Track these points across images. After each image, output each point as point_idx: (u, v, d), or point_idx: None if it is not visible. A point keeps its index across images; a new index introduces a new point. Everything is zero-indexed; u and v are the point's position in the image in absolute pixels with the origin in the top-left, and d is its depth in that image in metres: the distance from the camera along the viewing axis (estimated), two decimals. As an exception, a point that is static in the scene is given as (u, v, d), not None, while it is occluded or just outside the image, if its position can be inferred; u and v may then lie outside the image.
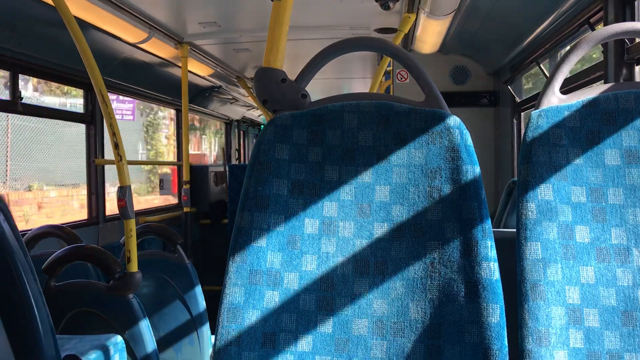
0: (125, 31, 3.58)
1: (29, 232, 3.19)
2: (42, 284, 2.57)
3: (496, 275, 1.26)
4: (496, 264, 1.27)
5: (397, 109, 1.36)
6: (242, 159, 9.15)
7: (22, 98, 3.37)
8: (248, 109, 8.34)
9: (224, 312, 1.28)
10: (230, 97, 7.04)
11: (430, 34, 3.89)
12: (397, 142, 1.35)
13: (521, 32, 3.54)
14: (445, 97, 1.39)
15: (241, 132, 9.25)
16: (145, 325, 2.68)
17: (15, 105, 3.34)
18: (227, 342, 1.27)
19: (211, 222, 6.22)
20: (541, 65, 3.57)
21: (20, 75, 3.36)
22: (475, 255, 1.27)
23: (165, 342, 3.48)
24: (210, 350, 3.60)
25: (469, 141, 1.33)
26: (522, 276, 1.34)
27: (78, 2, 2.93)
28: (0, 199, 1.66)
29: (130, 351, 2.63)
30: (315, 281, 1.31)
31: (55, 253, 2.66)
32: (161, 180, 6.37)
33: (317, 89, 6.97)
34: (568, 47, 3.20)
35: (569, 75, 1.82)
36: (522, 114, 4.28)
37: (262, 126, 10.40)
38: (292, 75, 1.37)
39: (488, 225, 1.29)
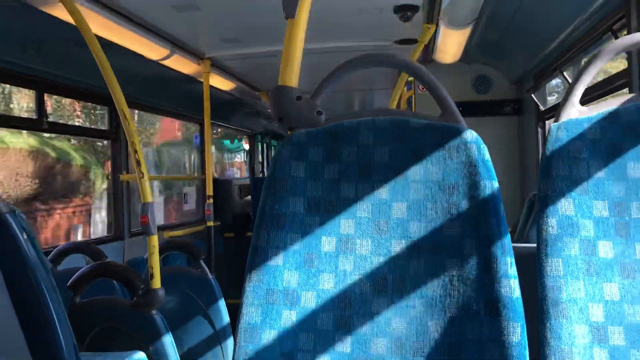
0: (147, 49, 3.64)
1: (56, 248, 3.24)
2: (68, 300, 2.60)
3: (517, 292, 1.23)
4: (516, 281, 1.24)
5: (413, 124, 1.35)
6: (265, 171, 9.19)
7: (48, 117, 3.44)
8: (271, 122, 8.38)
9: (241, 332, 1.28)
10: (253, 110, 7.08)
11: (451, 44, 3.86)
12: (414, 158, 1.34)
13: (543, 40, 3.50)
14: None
15: (264, 144, 9.29)
16: (169, 341, 2.69)
17: (41, 123, 3.41)
18: None
19: (235, 235, 6.25)
20: (564, 73, 3.51)
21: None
22: (495, 272, 1.24)
23: (189, 357, 3.49)
24: None
25: (487, 156, 1.31)
26: (544, 293, 1.31)
27: (100, 22, 2.98)
28: (22, 219, 1.69)
29: None
30: (333, 300, 1.30)
31: (80, 270, 2.69)
32: (185, 194, 6.43)
33: (337, 101, 6.97)
34: (591, 55, 3.15)
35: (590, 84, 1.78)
36: (546, 122, 4.22)
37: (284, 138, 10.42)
38: (308, 87, 1.37)
39: (508, 241, 1.26)
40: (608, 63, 1.46)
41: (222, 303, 3.53)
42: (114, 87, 2.60)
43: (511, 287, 1.23)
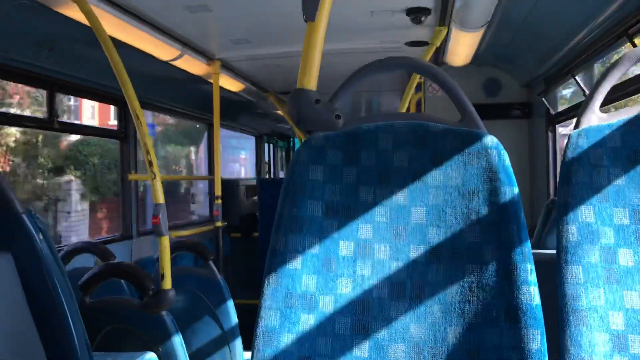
0: (158, 49, 3.64)
1: (64, 248, 3.24)
2: (77, 300, 2.60)
3: (536, 299, 1.22)
4: (536, 288, 1.23)
5: (433, 129, 1.34)
6: (271, 172, 9.19)
7: (59, 116, 3.45)
8: (277, 123, 8.39)
9: (260, 336, 1.27)
10: (261, 111, 7.09)
11: (462, 47, 3.85)
12: (433, 163, 1.33)
13: (555, 44, 3.48)
14: (477, 110, 1.36)
15: (270, 145, 9.30)
16: (178, 342, 2.69)
17: (52, 123, 3.42)
18: None
19: (242, 236, 6.25)
20: (576, 78, 3.50)
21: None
22: (515, 279, 1.23)
23: (197, 357, 3.49)
24: None
25: (507, 162, 1.30)
26: (564, 301, 1.30)
27: (113, 22, 2.99)
28: (38, 219, 1.70)
29: None
30: (351, 304, 1.29)
31: (91, 270, 2.70)
32: (192, 195, 6.44)
33: (346, 102, 6.96)
34: (604, 60, 3.14)
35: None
36: (557, 126, 4.20)
37: (291, 139, 10.42)
38: (321, 89, 1.36)
39: (528, 248, 1.25)
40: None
41: (230, 303, 3.53)
42: (127, 88, 2.60)
43: (531, 294, 1.22)
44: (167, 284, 2.65)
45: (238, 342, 3.59)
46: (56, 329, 1.68)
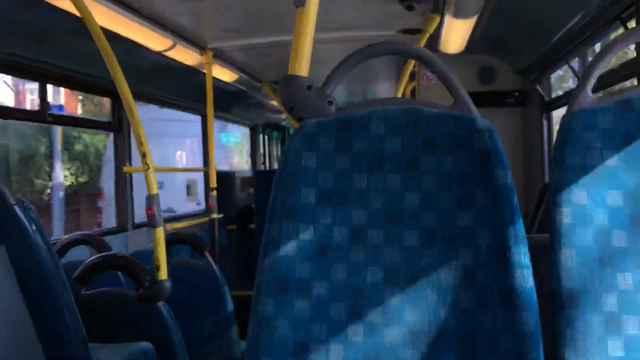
0: (150, 40, 3.62)
1: (60, 240, 3.24)
2: (73, 292, 2.60)
3: (530, 282, 1.23)
4: (530, 271, 1.24)
5: (426, 113, 1.34)
6: (267, 163, 9.17)
7: (51, 108, 3.44)
8: (272, 113, 8.37)
9: (255, 323, 1.27)
10: (255, 101, 7.07)
11: (456, 34, 3.84)
12: (426, 147, 1.33)
13: (549, 30, 3.48)
14: (472, 97, 1.36)
15: (266, 136, 9.27)
16: (175, 332, 2.69)
17: (44, 115, 3.40)
18: (258, 352, 1.26)
19: (238, 227, 6.25)
20: (570, 64, 3.50)
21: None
22: (509, 262, 1.23)
23: (194, 348, 3.50)
24: (239, 355, 3.62)
25: (500, 145, 1.30)
26: (557, 283, 1.30)
27: (104, 13, 2.97)
28: (31, 210, 1.69)
29: (161, 358, 2.64)
30: (346, 290, 1.29)
31: (86, 262, 2.69)
32: (188, 187, 6.43)
33: (340, 91, 6.94)
34: (599, 45, 3.14)
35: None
36: (551, 112, 4.20)
37: (286, 129, 10.41)
38: (313, 77, 1.36)
39: (521, 231, 1.26)
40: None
41: (227, 294, 3.54)
42: (119, 79, 2.59)
43: (525, 276, 1.23)
44: (163, 274, 2.65)
45: (234, 332, 3.60)
46: (51, 320, 1.68)
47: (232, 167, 10.96)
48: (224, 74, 5.03)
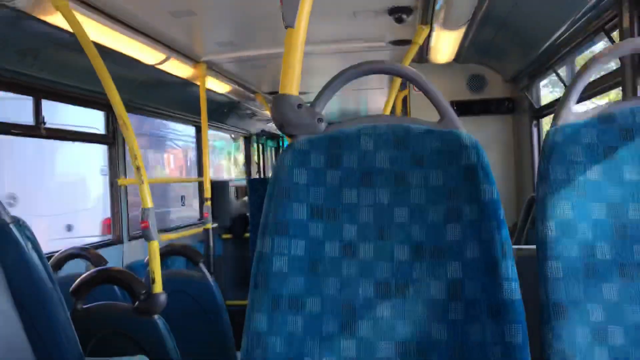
0: (144, 54, 3.64)
1: (56, 254, 3.24)
2: (69, 306, 2.61)
3: (517, 295, 1.26)
4: (517, 284, 1.27)
5: (414, 130, 1.37)
6: (262, 172, 9.19)
7: (46, 123, 3.45)
8: (266, 123, 8.40)
9: (248, 339, 1.30)
10: (249, 111, 7.09)
11: (445, 44, 3.89)
12: (415, 163, 1.36)
13: (537, 39, 3.53)
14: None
15: (260, 145, 9.30)
16: (171, 345, 2.70)
17: (39, 129, 3.42)
18: None
19: (233, 237, 6.25)
20: (558, 72, 3.54)
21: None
22: (496, 275, 1.27)
23: (190, 359, 3.50)
24: None
25: (486, 160, 1.33)
26: (544, 295, 1.33)
27: (98, 29, 2.99)
28: (26, 227, 1.70)
29: None
30: (338, 305, 1.32)
31: (82, 276, 2.70)
32: (182, 197, 6.44)
33: (332, 100, 6.96)
34: (584, 54, 3.19)
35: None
36: (541, 120, 4.25)
37: (280, 137, 10.43)
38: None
39: (508, 244, 1.29)
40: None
41: (222, 305, 3.55)
42: (112, 93, 2.61)
43: (512, 289, 1.26)
44: (158, 287, 2.66)
45: (230, 343, 3.61)
46: (47, 338, 1.68)
47: (219, 170, 10.96)
48: (218, 86, 5.06)
